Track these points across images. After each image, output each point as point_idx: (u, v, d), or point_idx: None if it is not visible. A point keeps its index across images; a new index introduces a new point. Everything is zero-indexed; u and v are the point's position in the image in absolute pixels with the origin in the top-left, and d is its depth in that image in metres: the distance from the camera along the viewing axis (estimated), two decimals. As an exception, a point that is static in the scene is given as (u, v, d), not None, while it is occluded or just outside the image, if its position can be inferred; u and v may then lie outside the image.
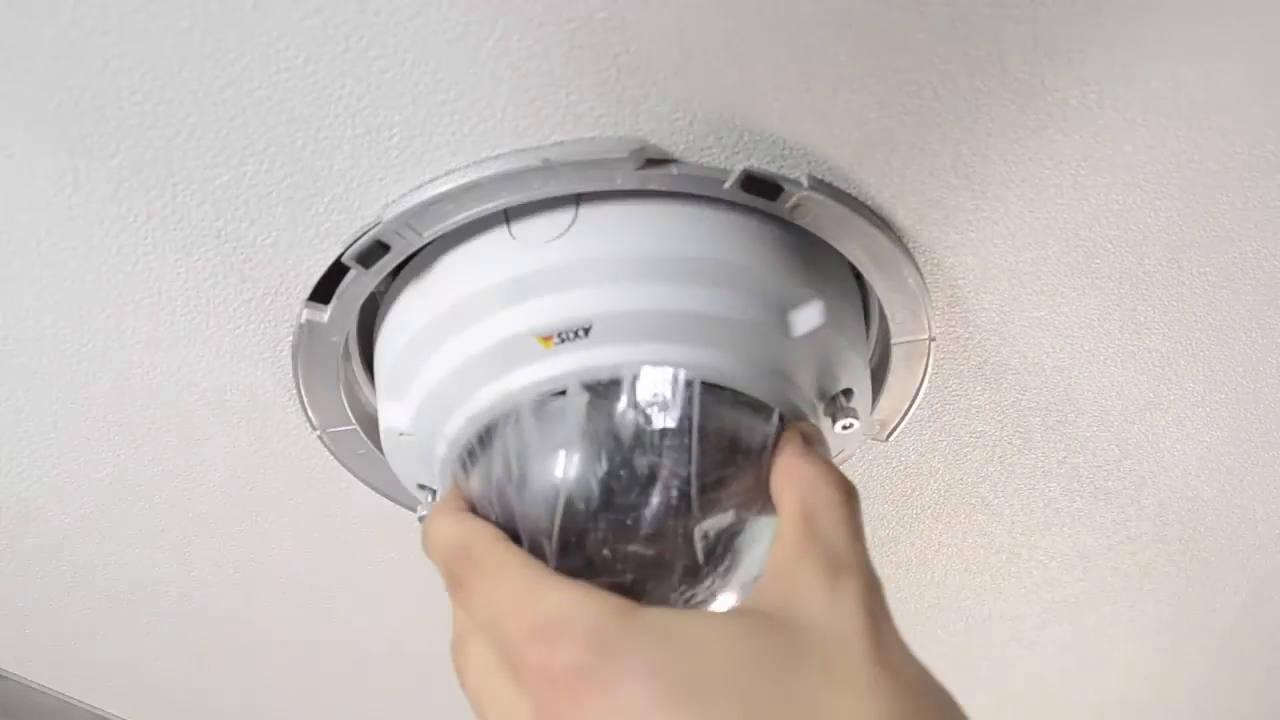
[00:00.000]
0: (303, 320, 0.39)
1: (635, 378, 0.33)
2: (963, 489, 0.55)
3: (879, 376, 0.46)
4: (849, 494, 0.31)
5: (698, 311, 0.35)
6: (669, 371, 0.33)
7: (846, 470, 0.51)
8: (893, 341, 0.43)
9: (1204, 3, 0.32)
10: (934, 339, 0.43)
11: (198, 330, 0.42)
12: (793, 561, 0.28)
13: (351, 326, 0.42)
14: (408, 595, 0.61)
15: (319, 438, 0.46)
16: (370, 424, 0.46)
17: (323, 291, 0.38)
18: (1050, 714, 0.81)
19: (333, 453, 0.47)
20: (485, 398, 0.35)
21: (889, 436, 0.48)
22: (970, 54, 0.33)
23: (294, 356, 0.41)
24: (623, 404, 0.33)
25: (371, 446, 0.46)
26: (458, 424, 0.36)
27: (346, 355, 0.43)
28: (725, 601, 0.35)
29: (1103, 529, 0.59)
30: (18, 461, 0.48)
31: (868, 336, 0.46)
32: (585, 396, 0.33)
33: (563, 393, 0.34)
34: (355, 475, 0.49)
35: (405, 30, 0.31)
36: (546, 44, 0.31)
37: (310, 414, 0.44)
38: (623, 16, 0.31)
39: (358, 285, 0.38)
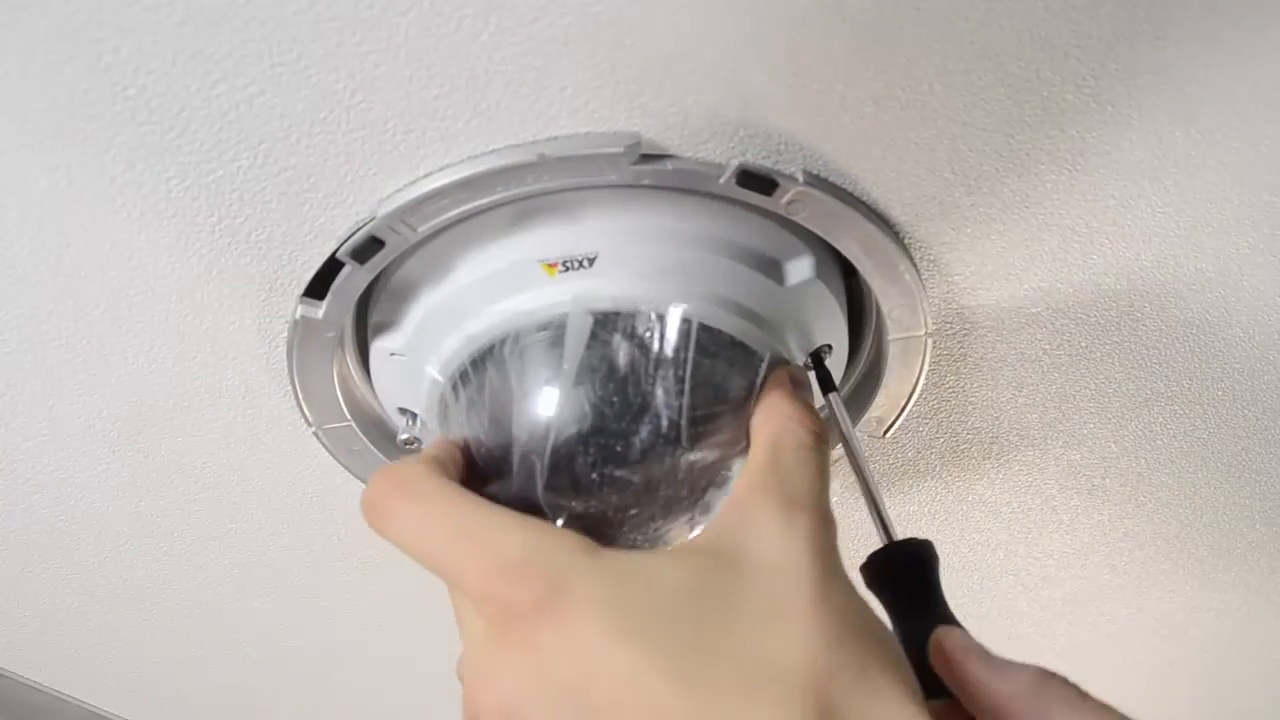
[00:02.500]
0: (297, 316, 0.39)
1: (635, 310, 0.35)
2: (960, 486, 0.55)
3: (876, 373, 0.46)
4: (818, 439, 0.33)
5: (700, 253, 0.36)
6: (668, 306, 0.35)
7: (842, 466, 0.51)
8: (889, 338, 0.43)
9: (1200, -3, 0.32)
10: (931, 335, 0.43)
11: (192, 326, 0.42)
12: (752, 495, 0.30)
13: (347, 322, 0.42)
14: (405, 593, 0.61)
15: (314, 434, 0.46)
16: (365, 420, 0.46)
17: (317, 287, 0.38)
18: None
19: (328, 449, 0.47)
20: (486, 319, 0.36)
21: (886, 433, 0.48)
22: (966, 49, 0.32)
23: (289, 352, 0.41)
24: (621, 334, 0.34)
25: (367, 443, 0.46)
26: (455, 343, 0.37)
27: (341, 351, 0.43)
28: None
29: (1100, 526, 0.59)
30: (12, 458, 0.48)
31: (864, 333, 0.46)
32: (589, 321, 0.35)
33: (564, 318, 0.35)
34: (351, 472, 0.49)
35: (399, 25, 0.31)
36: (540, 39, 0.31)
37: (305, 410, 0.44)
38: (617, 11, 0.31)
39: (352, 280, 0.38)
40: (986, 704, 0.29)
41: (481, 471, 0.36)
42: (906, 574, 0.33)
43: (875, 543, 0.36)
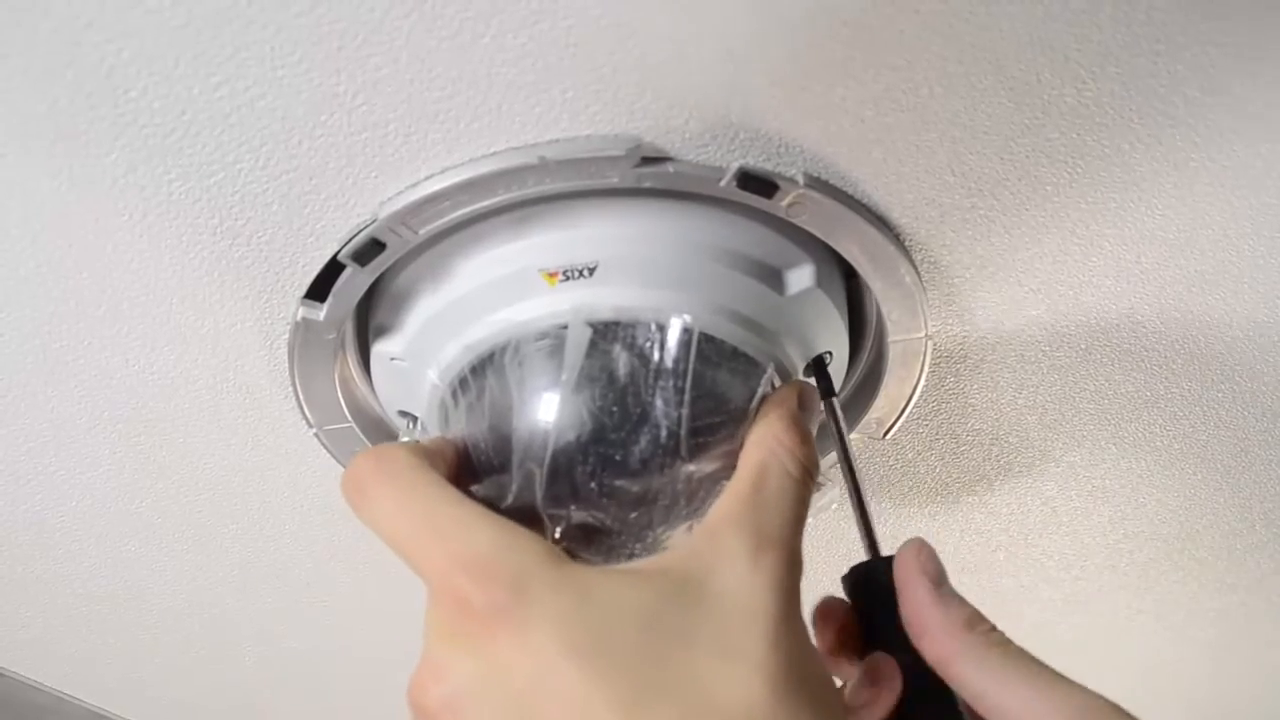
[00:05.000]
0: (298, 318, 0.39)
1: (636, 320, 0.35)
2: (960, 487, 0.55)
3: (876, 375, 0.46)
4: (806, 473, 0.33)
5: (701, 263, 0.36)
6: (669, 316, 0.35)
7: (848, 469, 0.51)
8: (889, 340, 0.43)
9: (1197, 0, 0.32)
10: (931, 337, 0.43)
11: (194, 328, 0.42)
12: (728, 524, 0.30)
13: (348, 324, 0.42)
14: (406, 594, 0.61)
15: (315, 435, 0.46)
16: (366, 421, 0.46)
17: (319, 289, 0.38)
18: (1048, 712, 0.80)
19: (329, 451, 0.47)
20: (486, 327, 0.37)
21: (886, 435, 0.48)
22: (966, 52, 0.32)
23: (290, 354, 0.41)
24: (621, 344, 0.34)
25: (368, 444, 0.46)
26: (455, 350, 0.37)
27: (342, 353, 0.43)
28: None
29: (1100, 527, 0.59)
30: (14, 459, 0.48)
31: (864, 334, 0.46)
32: (588, 332, 0.35)
33: (564, 328, 0.35)
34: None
35: (400, 28, 0.31)
36: (541, 41, 0.31)
37: (306, 412, 0.44)
38: (618, 14, 0.31)
39: (353, 283, 0.38)
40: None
41: (479, 476, 0.36)
42: (886, 592, 0.33)
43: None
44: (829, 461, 0.50)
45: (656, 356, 0.34)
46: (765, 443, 0.33)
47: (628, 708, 0.25)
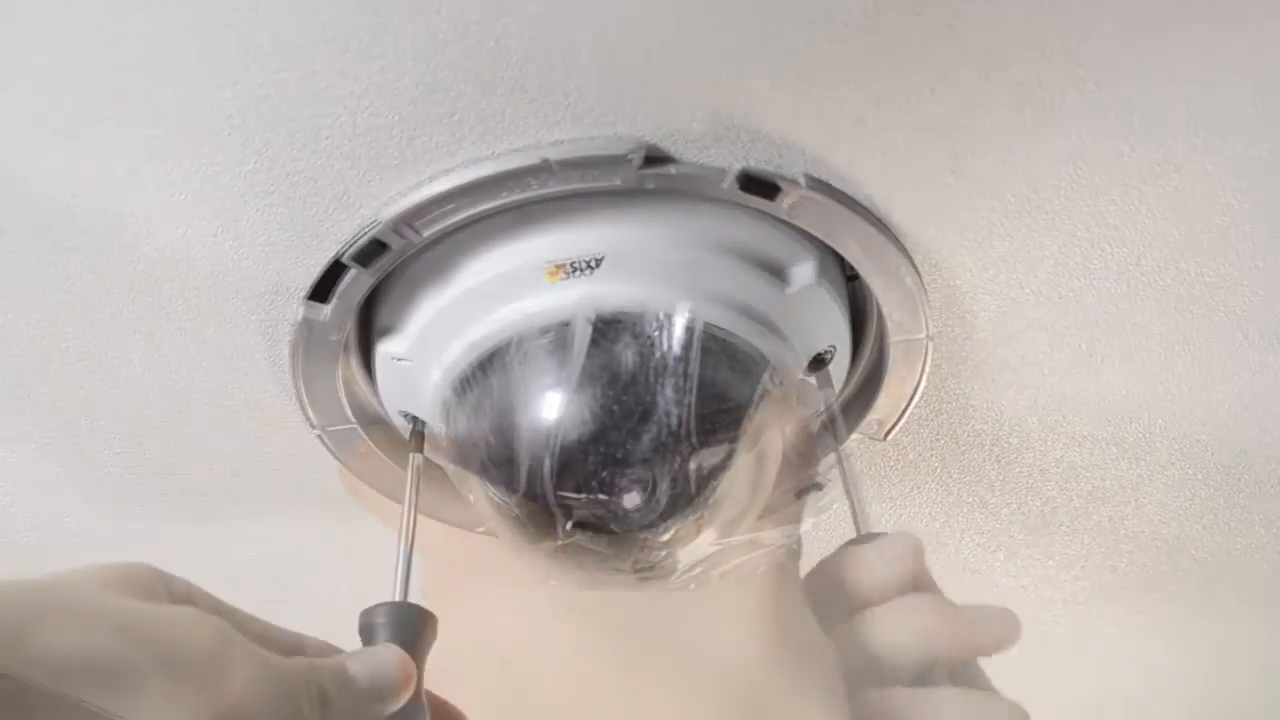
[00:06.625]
0: (301, 319, 0.39)
1: (641, 313, 0.35)
2: (960, 488, 0.55)
3: (877, 375, 0.46)
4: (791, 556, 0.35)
5: (705, 257, 0.36)
6: (673, 311, 0.35)
7: (843, 468, 0.51)
8: (890, 340, 0.43)
9: (1199, 2, 0.32)
10: (932, 338, 0.43)
11: (197, 329, 0.42)
12: None
13: (351, 325, 0.42)
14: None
15: (318, 436, 0.46)
16: (369, 422, 0.46)
17: (321, 290, 0.39)
18: (1047, 712, 0.81)
19: (332, 452, 0.47)
20: (490, 324, 0.37)
21: (887, 435, 0.49)
22: (967, 53, 0.33)
23: (293, 355, 0.41)
24: (626, 337, 0.35)
25: (371, 445, 0.46)
26: (459, 348, 0.38)
27: (345, 353, 0.43)
28: (708, 538, 0.37)
29: (1100, 528, 0.59)
30: (17, 462, 0.48)
31: (866, 334, 0.46)
32: (590, 327, 0.35)
33: (567, 324, 0.35)
34: (356, 475, 0.49)
35: (404, 30, 0.31)
36: (545, 44, 0.31)
37: (309, 413, 0.44)
38: (621, 16, 0.31)
39: (356, 284, 0.38)
40: None
41: (487, 472, 0.36)
42: None
43: None
44: (828, 463, 0.50)
45: (662, 349, 0.35)
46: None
47: (619, 663, 0.25)
